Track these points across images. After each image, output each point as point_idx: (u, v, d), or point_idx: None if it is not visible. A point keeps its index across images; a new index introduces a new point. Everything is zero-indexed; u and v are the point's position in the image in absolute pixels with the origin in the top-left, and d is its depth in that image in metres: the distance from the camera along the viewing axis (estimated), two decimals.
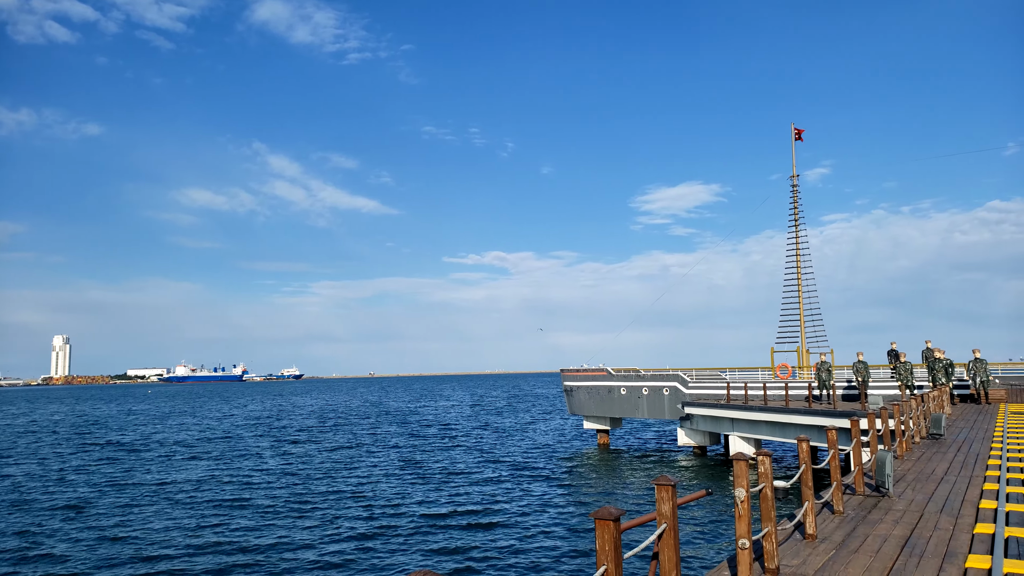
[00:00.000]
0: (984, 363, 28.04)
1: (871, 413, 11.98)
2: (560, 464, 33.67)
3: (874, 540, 7.41)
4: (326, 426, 61.62)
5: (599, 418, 40.95)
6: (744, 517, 6.08)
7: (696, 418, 35.11)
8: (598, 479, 28.89)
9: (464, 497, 24.98)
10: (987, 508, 8.73)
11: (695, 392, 36.48)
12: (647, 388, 37.91)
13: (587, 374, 40.59)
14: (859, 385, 29.60)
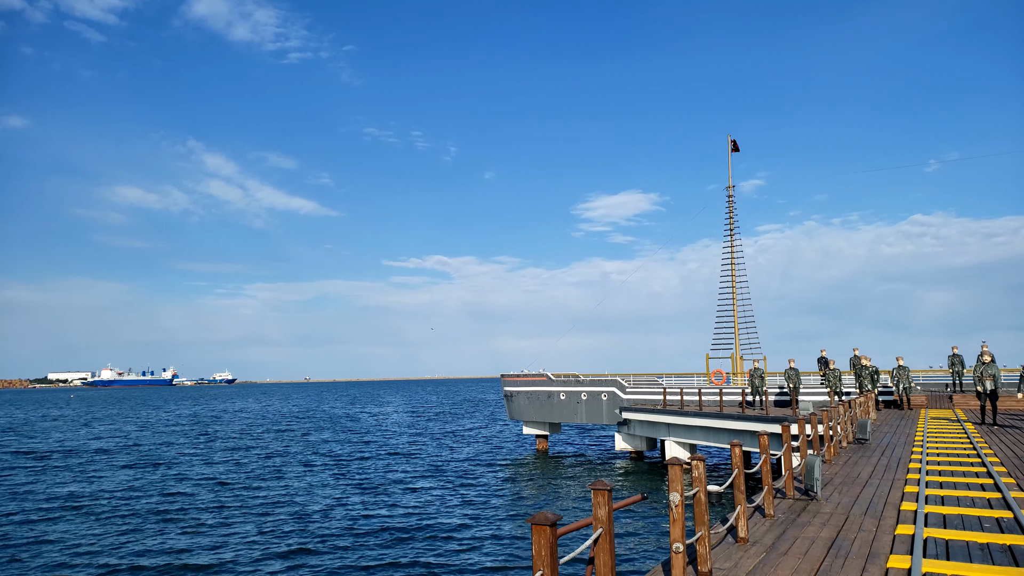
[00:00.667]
0: (907, 370, 29.23)
1: (801, 419, 12.32)
2: (499, 471, 33.63)
3: (803, 542, 7.60)
4: (258, 432, 60.16)
5: (538, 423, 41.11)
6: (678, 521, 6.14)
7: (633, 423, 35.58)
8: (537, 485, 28.96)
9: (401, 507, 24.64)
10: (907, 510, 9.06)
11: (633, 397, 36.97)
12: (586, 393, 38.24)
13: (527, 379, 40.71)
14: (790, 391, 30.50)
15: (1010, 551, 6.99)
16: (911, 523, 8.28)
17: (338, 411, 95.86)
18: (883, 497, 10.04)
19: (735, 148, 42.81)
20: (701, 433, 30.07)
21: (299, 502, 25.65)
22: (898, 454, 14.86)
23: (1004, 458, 13.92)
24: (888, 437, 18.25)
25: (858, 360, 29.42)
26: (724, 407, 31.70)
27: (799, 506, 9.59)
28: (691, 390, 35.40)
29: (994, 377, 21.43)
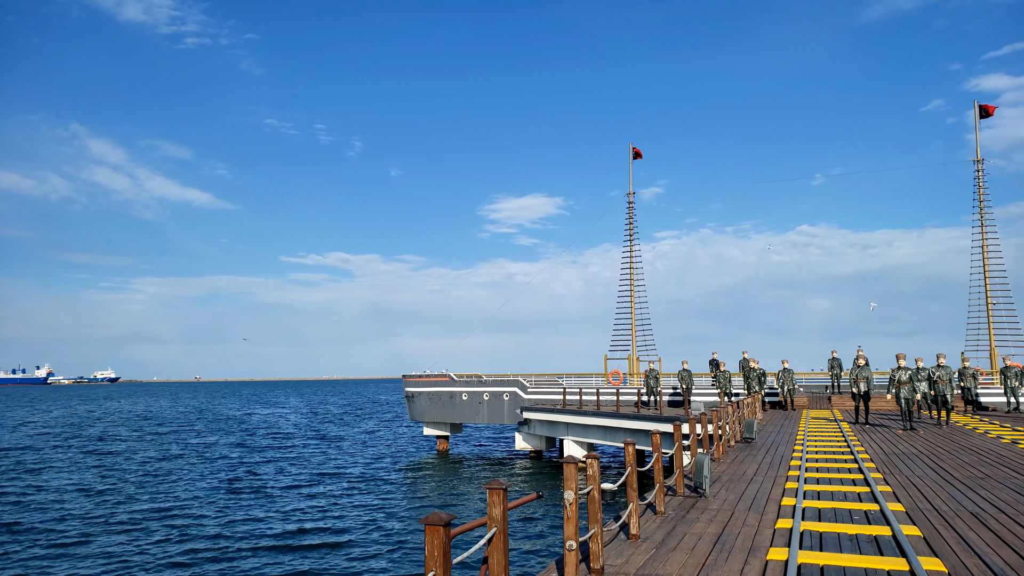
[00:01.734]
0: (791, 373, 30.85)
1: (692, 418, 12.77)
2: (399, 473, 33.25)
3: (691, 538, 7.86)
4: (140, 435, 57.10)
5: (440, 424, 40.93)
6: (572, 519, 6.23)
7: (533, 423, 35.97)
8: (436, 486, 28.80)
9: (296, 513, 23.88)
10: (787, 505, 9.54)
11: (534, 397, 37.37)
12: (488, 393, 38.36)
13: (429, 380, 40.46)
14: (683, 392, 31.63)
15: (875, 541, 7.47)
16: (790, 517, 8.72)
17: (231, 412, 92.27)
18: (766, 493, 10.54)
19: (637, 156, 44.02)
20: (598, 432, 30.72)
21: (184, 512, 24.33)
22: (781, 452, 15.64)
23: (874, 455, 14.90)
24: (773, 436, 19.20)
25: (747, 363, 30.81)
26: (621, 407, 32.51)
27: (689, 503, 9.92)
28: (590, 390, 36.13)
29: (867, 380, 22.92)
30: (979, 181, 38.90)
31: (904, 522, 8.37)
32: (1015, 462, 13.53)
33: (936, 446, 16.43)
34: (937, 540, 7.49)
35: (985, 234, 38.35)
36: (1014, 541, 7.41)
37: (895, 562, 6.62)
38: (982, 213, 38.57)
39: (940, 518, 8.60)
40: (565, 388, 35.67)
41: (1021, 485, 10.91)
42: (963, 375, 28.48)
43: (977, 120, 39.46)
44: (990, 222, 38.44)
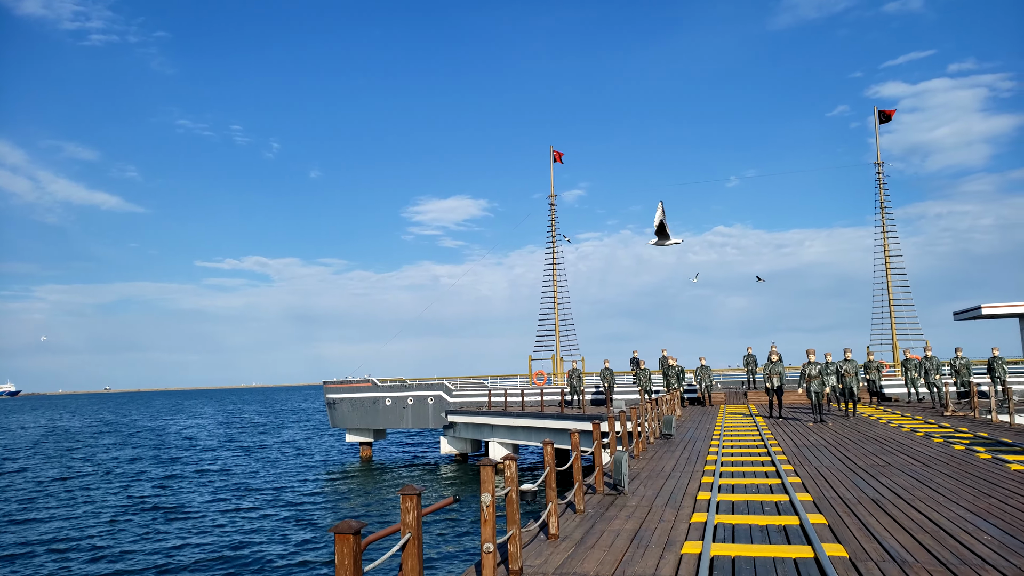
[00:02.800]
0: (708, 370, 31.71)
1: (611, 416, 12.94)
2: (320, 482, 32.51)
3: (609, 535, 7.93)
4: (40, 451, 54.03)
5: (362, 430, 40.27)
6: (489, 521, 6.17)
7: (459, 426, 35.81)
8: (359, 494, 28.30)
9: (212, 531, 22.98)
10: (703, 499, 9.75)
11: (459, 400, 37.21)
12: (412, 398, 37.99)
13: (351, 386, 39.75)
14: (605, 391, 32.09)
15: (784, 531, 7.71)
16: (705, 511, 8.91)
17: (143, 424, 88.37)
18: (683, 488, 10.75)
19: (558, 159, 44.46)
20: (523, 433, 30.84)
21: (87, 537, 23.14)
22: (698, 447, 16.03)
23: (785, 447, 15.45)
24: (691, 432, 19.67)
25: (666, 360, 31.49)
26: (545, 407, 32.74)
27: (608, 500, 10.02)
28: (515, 391, 36.24)
29: (780, 375, 23.77)
30: (880, 183, 41.01)
31: (811, 511, 8.68)
32: (913, 449, 14.27)
33: (843, 437, 17.17)
34: (840, 527, 7.79)
35: (886, 234, 40.45)
36: (909, 525, 7.78)
37: (801, 550, 6.84)
38: (883, 214, 40.68)
39: (844, 506, 8.96)
40: (490, 390, 35.67)
41: (918, 471, 11.50)
42: (868, 368, 29.90)
43: (877, 125, 41.59)
44: (891, 222, 40.59)
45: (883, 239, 40.44)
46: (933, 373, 26.87)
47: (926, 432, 17.45)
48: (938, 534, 7.33)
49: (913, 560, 6.40)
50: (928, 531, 7.47)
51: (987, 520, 7.88)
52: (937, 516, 8.17)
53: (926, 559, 6.43)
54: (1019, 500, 8.91)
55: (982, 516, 8.09)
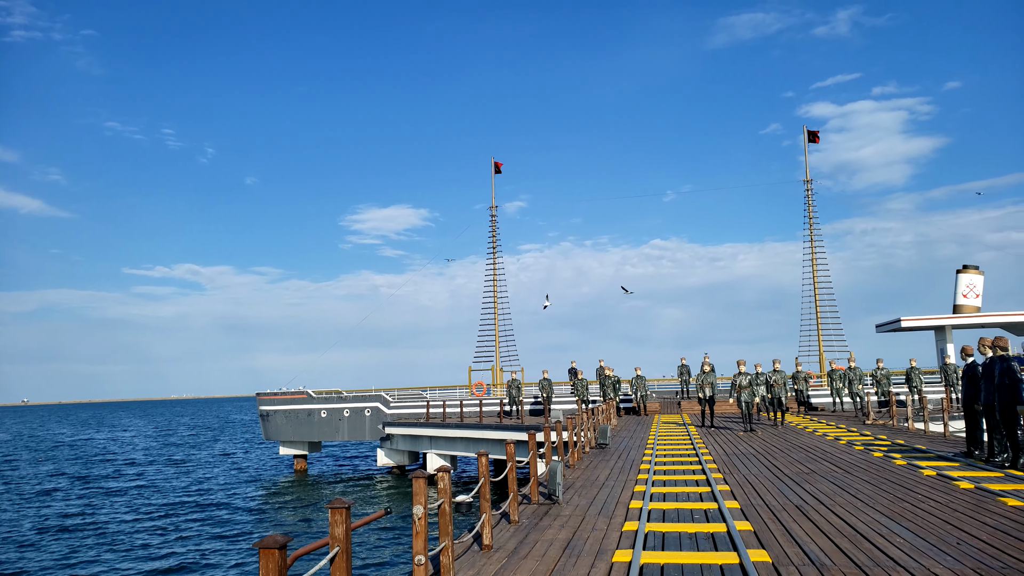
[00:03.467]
0: (643, 380, 32.26)
1: (547, 427, 13.05)
2: (252, 497, 31.70)
3: (542, 545, 7.99)
4: None
5: (297, 443, 39.47)
6: (421, 534, 6.16)
7: (396, 438, 35.47)
8: (292, 508, 27.70)
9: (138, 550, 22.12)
10: (635, 507, 9.92)
11: (396, 412, 36.87)
12: (348, 410, 37.45)
13: (286, 397, 38.94)
14: (543, 401, 32.30)
15: (712, 538, 7.91)
16: (637, 519, 9.06)
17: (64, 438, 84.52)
18: (616, 497, 10.91)
19: (498, 170, 44.69)
20: (462, 444, 30.74)
21: None
22: (632, 456, 16.28)
23: (716, 456, 15.83)
24: (626, 441, 19.95)
25: (603, 371, 31.91)
26: (484, 418, 32.72)
27: (542, 510, 10.09)
28: (453, 402, 36.11)
29: (712, 385, 24.34)
30: (809, 200, 42.56)
31: (738, 518, 8.92)
32: (836, 457, 14.81)
33: (771, 446, 17.69)
34: (765, 533, 8.04)
35: (814, 248, 41.98)
36: (829, 529, 8.08)
37: (728, 556, 7.03)
38: (811, 229, 42.22)
39: (770, 512, 9.24)
40: (429, 401, 35.46)
41: (839, 478, 11.94)
42: (796, 379, 30.90)
43: (806, 144, 43.22)
44: (818, 238, 42.16)
45: (811, 254, 41.95)
46: (856, 383, 27.95)
47: (848, 440, 18.13)
48: (855, 538, 7.64)
49: (831, 563, 6.66)
50: (846, 535, 7.78)
51: (900, 523, 8.25)
52: (855, 521, 8.51)
53: (843, 562, 6.69)
54: (930, 504, 9.35)
55: (896, 520, 8.46)
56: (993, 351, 12.55)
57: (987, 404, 12.56)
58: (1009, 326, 37.08)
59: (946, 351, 35.99)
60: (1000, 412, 12.22)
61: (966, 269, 38.09)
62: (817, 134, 43.27)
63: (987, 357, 12.71)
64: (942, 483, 11.04)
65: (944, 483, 11.03)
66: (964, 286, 37.79)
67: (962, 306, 37.64)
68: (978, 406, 13.26)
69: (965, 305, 37.64)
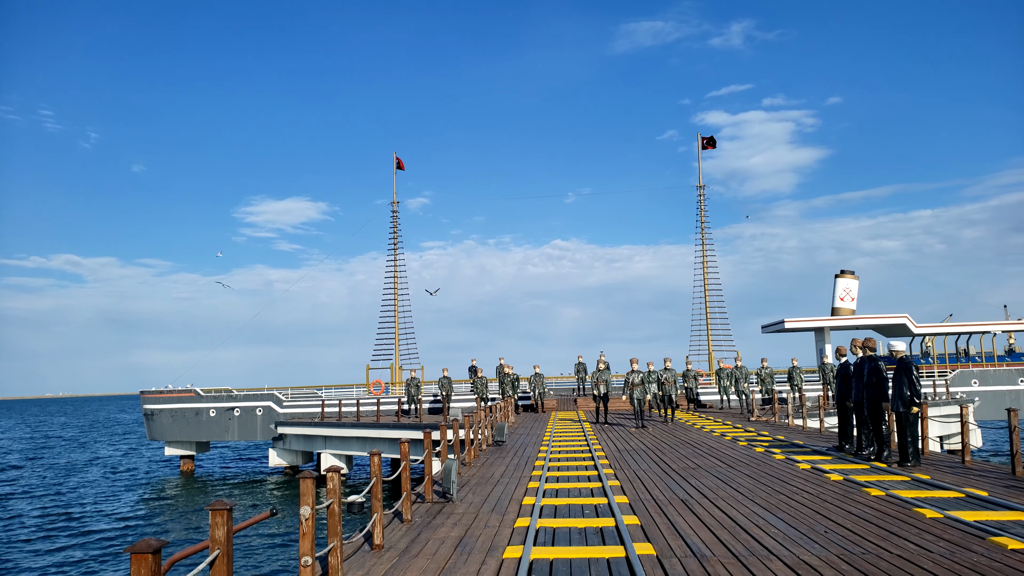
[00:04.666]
0: (542, 377, 32.69)
1: (443, 425, 13.00)
2: (132, 500, 30.07)
3: (434, 543, 7.94)
4: None
5: (184, 443, 37.72)
6: (308, 534, 5.99)
7: (289, 437, 34.49)
8: (173, 512, 26.45)
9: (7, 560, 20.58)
10: (528, 504, 10.02)
11: (290, 411, 35.85)
12: (239, 409, 36.10)
13: (172, 395, 37.14)
14: (443, 399, 32.19)
15: (601, 532, 8.09)
16: (529, 516, 9.16)
17: None
18: (510, 494, 10.99)
19: (400, 166, 44.20)
20: (358, 444, 30.23)
21: None
22: (528, 453, 16.45)
23: (608, 452, 16.22)
24: (522, 438, 20.16)
25: (502, 368, 32.12)
26: (382, 416, 32.30)
27: (436, 509, 10.04)
28: (350, 401, 35.44)
29: (607, 382, 24.94)
30: (701, 205, 44.31)
31: (627, 513, 9.17)
32: (721, 452, 15.48)
33: (661, 442, 18.30)
34: (651, 527, 8.29)
35: (705, 252, 43.74)
36: (711, 522, 8.43)
37: (614, 550, 7.21)
38: (703, 233, 43.98)
39: (656, 507, 9.55)
40: (324, 400, 34.67)
41: (723, 473, 12.48)
42: (687, 377, 32.10)
43: (700, 151, 44.96)
44: (709, 241, 43.96)
45: (702, 257, 43.69)
46: (742, 381, 29.30)
47: (733, 436, 18.98)
48: (735, 529, 8.00)
49: (711, 554, 6.94)
50: (727, 527, 8.13)
51: (776, 515, 8.70)
52: (735, 513, 8.91)
53: (722, 553, 6.99)
54: (803, 496, 9.92)
55: (772, 511, 8.92)
56: (863, 351, 13.45)
57: (857, 401, 13.44)
58: (880, 328, 39.90)
59: (824, 351, 38.34)
60: (868, 409, 13.11)
61: (843, 274, 40.71)
62: (713, 139, 45.09)
63: (858, 357, 13.61)
64: (815, 476, 11.73)
65: (817, 476, 11.72)
66: (841, 290, 40.36)
67: (839, 309, 40.21)
68: (849, 403, 14.18)
69: (842, 308, 40.22)
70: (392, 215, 43.75)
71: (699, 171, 44.67)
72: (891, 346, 13.03)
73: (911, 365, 12.40)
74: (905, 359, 12.57)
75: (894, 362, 12.76)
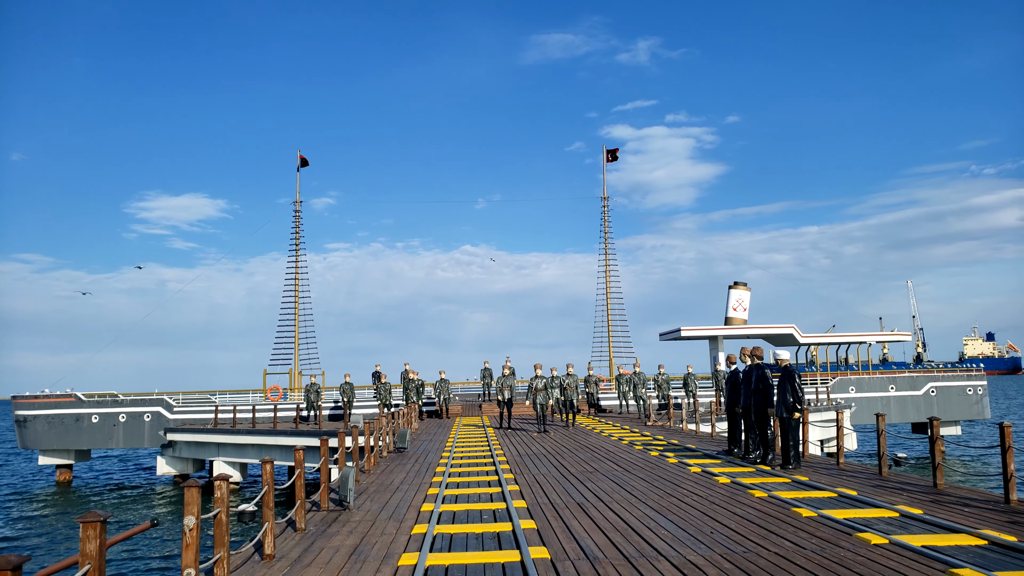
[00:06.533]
0: (447, 383, 32.62)
1: (341, 432, 12.76)
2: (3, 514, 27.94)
3: (328, 552, 7.78)
4: None
5: (61, 452, 35.39)
6: (191, 546, 5.76)
7: (180, 445, 32.98)
8: (45, 525, 24.77)
9: None
10: (427, 510, 9.97)
11: (181, 417, 34.29)
12: (125, 415, 34.24)
13: (49, 400, 34.80)
14: (344, 405, 31.59)
15: (498, 537, 8.15)
16: (427, 522, 9.11)
17: None
18: (409, 501, 10.90)
19: (304, 163, 43.18)
20: (253, 451, 29.25)
21: None
22: (430, 459, 16.36)
23: (510, 457, 16.34)
24: (425, 444, 20.02)
25: (406, 374, 31.83)
26: (279, 423, 31.36)
27: (332, 517, 9.84)
28: (246, 407, 34.22)
29: (511, 388, 25.15)
30: (605, 215, 45.40)
31: (524, 517, 9.26)
32: (618, 456, 15.87)
33: (562, 446, 18.58)
34: (547, 531, 8.41)
35: (608, 261, 44.82)
36: (605, 525, 8.64)
37: (510, 555, 7.27)
38: (606, 243, 45.06)
39: (553, 511, 9.70)
40: (218, 406, 33.34)
41: (619, 476, 12.81)
42: (588, 382, 32.75)
43: (604, 163, 46.08)
44: (612, 251, 45.08)
45: (606, 266, 44.76)
46: (640, 387, 30.16)
47: (630, 440, 19.50)
48: (627, 532, 8.22)
49: (604, 557, 7.11)
50: (619, 530, 8.35)
51: (667, 517, 9.00)
52: (628, 516, 9.16)
53: (614, 555, 7.17)
54: (693, 498, 10.31)
55: (664, 513, 9.22)
56: (751, 359, 14.11)
57: (745, 407, 14.08)
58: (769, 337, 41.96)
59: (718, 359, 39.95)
60: (755, 414, 13.75)
61: (736, 285, 42.60)
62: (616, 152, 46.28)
63: (747, 365, 14.26)
64: (705, 479, 12.21)
65: (707, 479, 12.20)
66: (734, 300, 42.21)
67: (732, 318, 42.03)
68: (738, 409, 14.83)
69: (734, 317, 42.06)
70: (295, 214, 42.68)
71: (604, 183, 45.79)
72: (776, 355, 13.73)
73: (794, 373, 13.10)
74: (789, 367, 13.27)
75: (779, 370, 13.45)
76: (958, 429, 41.17)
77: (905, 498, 9.83)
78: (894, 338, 52.94)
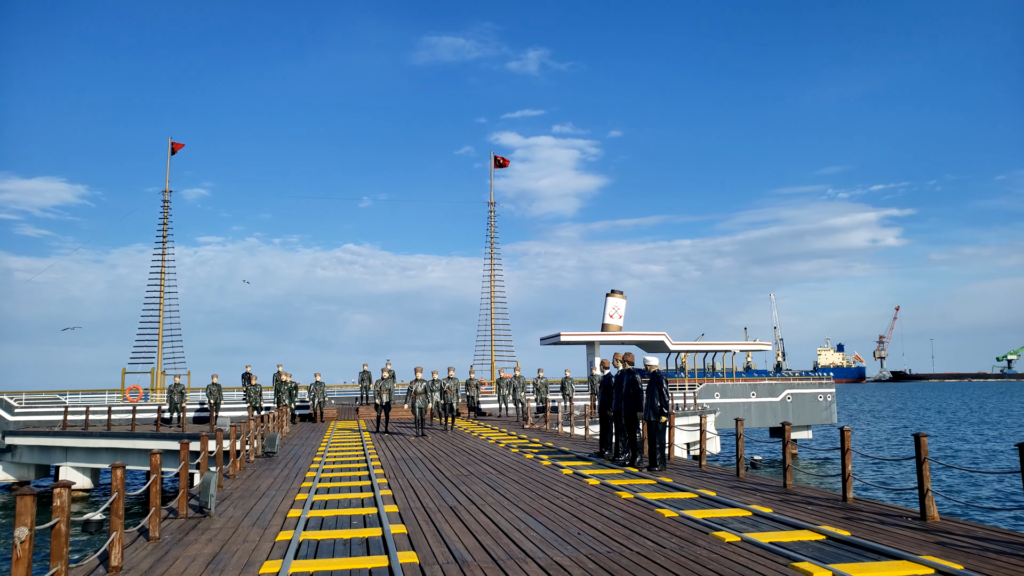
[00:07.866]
0: (322, 385, 31.73)
1: (204, 435, 12.15)
2: None
3: (183, 562, 7.36)
4: None
5: None
6: (23, 559, 5.29)
7: (20, 449, 30.33)
8: None
9: None
10: (293, 516, 9.64)
11: (23, 419, 31.54)
12: None
13: None
14: (211, 407, 30.11)
15: (367, 543, 7.98)
16: (293, 529, 8.80)
17: None
18: (275, 507, 10.50)
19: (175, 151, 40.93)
20: (108, 455, 27.36)
21: None
22: (300, 464, 15.85)
23: (385, 461, 16.10)
24: (296, 449, 19.38)
25: (279, 376, 30.74)
26: (138, 426, 29.49)
27: (190, 524, 9.33)
28: (101, 408, 31.93)
29: (390, 391, 24.79)
30: (492, 221, 45.72)
31: (395, 522, 9.13)
32: (494, 460, 15.96)
33: (439, 450, 18.49)
34: (418, 535, 8.33)
35: (493, 266, 45.15)
36: (477, 528, 8.65)
37: (378, 560, 7.14)
38: (492, 247, 45.39)
39: (425, 515, 9.62)
40: (68, 407, 30.94)
41: (493, 479, 12.88)
42: (469, 385, 32.79)
43: (492, 169, 46.45)
44: (498, 256, 45.45)
45: (491, 270, 45.06)
46: (520, 390, 30.52)
47: (507, 443, 19.68)
48: (497, 535, 8.27)
49: (473, 560, 7.11)
50: (490, 533, 8.38)
51: (537, 519, 9.13)
52: (500, 519, 9.22)
53: (483, 558, 7.19)
54: (564, 500, 10.51)
55: (535, 516, 9.35)
56: (623, 364, 14.59)
57: (616, 411, 14.53)
58: (643, 344, 43.62)
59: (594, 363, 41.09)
60: (625, 418, 14.22)
61: (613, 293, 44.00)
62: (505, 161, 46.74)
63: (619, 370, 14.73)
64: (576, 481, 12.49)
65: (577, 481, 12.48)
66: (611, 308, 43.59)
67: (608, 325, 43.38)
68: (610, 412, 15.28)
69: (611, 324, 43.43)
70: (163, 204, 40.34)
71: (491, 188, 46.13)
72: (646, 360, 14.25)
73: (662, 378, 13.65)
74: (658, 373, 13.81)
75: (649, 375, 13.97)
76: (810, 433, 44.29)
77: (758, 498, 10.44)
78: (757, 347, 56.46)
